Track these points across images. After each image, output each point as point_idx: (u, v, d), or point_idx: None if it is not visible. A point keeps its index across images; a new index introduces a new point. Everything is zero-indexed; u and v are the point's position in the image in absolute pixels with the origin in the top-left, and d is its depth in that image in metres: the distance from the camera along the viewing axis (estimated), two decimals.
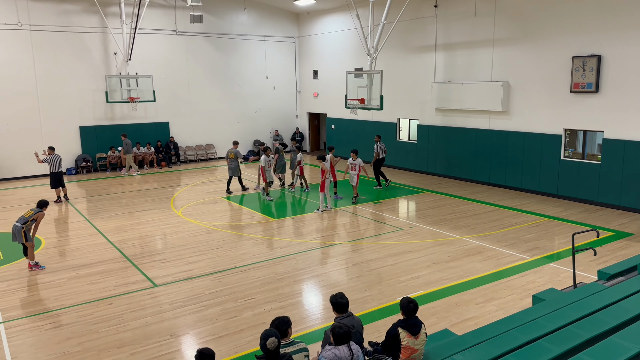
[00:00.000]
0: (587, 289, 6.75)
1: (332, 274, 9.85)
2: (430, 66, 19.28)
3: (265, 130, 26.11)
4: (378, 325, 7.54)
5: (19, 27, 19.27)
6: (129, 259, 10.79)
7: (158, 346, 7.18)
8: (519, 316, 5.99)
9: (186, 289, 9.17)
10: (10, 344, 7.30)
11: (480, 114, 17.67)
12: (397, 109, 20.95)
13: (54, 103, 20.30)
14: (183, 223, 13.57)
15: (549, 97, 15.53)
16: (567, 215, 13.83)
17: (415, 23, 19.61)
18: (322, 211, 14.34)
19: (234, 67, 24.58)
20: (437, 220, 13.47)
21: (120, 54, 21.23)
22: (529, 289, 8.88)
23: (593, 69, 14.18)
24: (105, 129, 21.49)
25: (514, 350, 5.03)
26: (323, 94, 25.26)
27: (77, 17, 20.43)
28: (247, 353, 6.92)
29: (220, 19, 23.87)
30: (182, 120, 23.52)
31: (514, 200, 15.58)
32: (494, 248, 11.17)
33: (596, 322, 5.47)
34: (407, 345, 5.05)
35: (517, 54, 16.26)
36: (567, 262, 9.93)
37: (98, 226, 13.33)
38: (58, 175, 15.75)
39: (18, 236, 9.99)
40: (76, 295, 8.99)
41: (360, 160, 15.43)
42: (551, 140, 15.61)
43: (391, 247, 11.32)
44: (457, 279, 9.45)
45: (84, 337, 7.46)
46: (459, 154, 18.65)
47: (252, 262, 10.50)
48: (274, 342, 4.44)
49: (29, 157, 19.99)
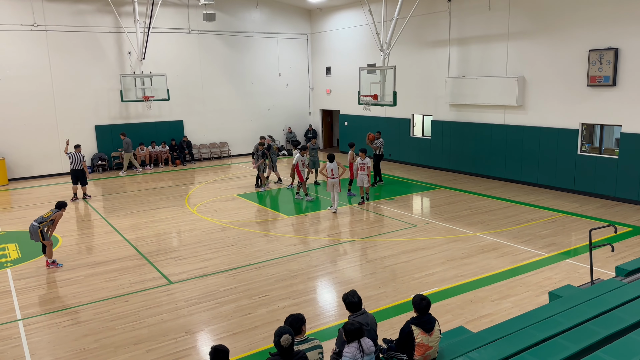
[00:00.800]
0: (604, 285, 6.65)
1: (346, 271, 9.84)
2: (444, 61, 19.13)
3: (278, 128, 26.15)
4: (392, 323, 7.52)
5: (35, 28, 19.51)
6: (144, 257, 10.89)
7: (174, 343, 7.24)
8: (535, 313, 5.93)
9: (201, 286, 9.24)
10: (29, 340, 7.42)
11: (495, 109, 17.49)
12: (410, 104, 20.84)
13: (69, 102, 20.54)
14: (198, 220, 13.65)
15: (565, 91, 15.32)
16: (584, 210, 13.65)
17: (429, 18, 19.46)
18: (335, 210, 14.10)
19: (247, 65, 24.64)
20: (451, 217, 13.39)
21: (134, 53, 21.41)
22: (545, 285, 8.79)
23: (610, 62, 13.95)
24: (121, 128, 21.69)
25: (530, 347, 4.98)
26: (336, 91, 25.22)
27: (92, 17, 20.64)
28: (261, 350, 6.94)
29: (233, 17, 23.93)
30: (195, 118, 23.66)
31: (530, 196, 15.41)
32: (510, 244, 11.07)
33: (614, 319, 5.40)
34: (421, 342, 5.03)
35: (532, 47, 16.06)
36: (584, 259, 9.80)
37: (114, 224, 13.48)
38: (75, 173, 16.08)
39: (35, 235, 10.15)
40: (93, 292, 9.10)
41: (369, 159, 14.62)
42: (567, 135, 15.41)
43: (405, 244, 11.27)
44: (472, 276, 9.38)
45: (101, 334, 7.56)
46: (473, 150, 18.50)
47: (266, 259, 10.53)
48: (288, 339, 4.45)
49: (46, 156, 20.33)
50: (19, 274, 10.05)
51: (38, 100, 19.91)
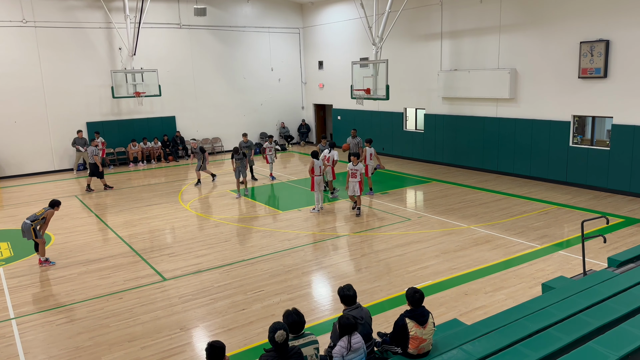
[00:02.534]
0: (597, 276, 6.71)
1: (341, 265, 9.86)
2: (437, 54, 19.13)
3: (272, 123, 26.07)
4: (387, 316, 7.54)
5: (24, 24, 19.30)
6: (138, 254, 10.85)
7: (169, 339, 7.23)
8: (529, 305, 5.97)
9: (195, 282, 9.22)
10: (23, 339, 7.38)
11: (488, 101, 17.53)
12: (403, 98, 20.83)
13: (60, 99, 20.37)
14: (191, 217, 13.62)
15: (556, 83, 15.36)
16: (576, 202, 13.73)
17: (421, 11, 19.43)
18: (318, 210, 13.58)
19: (239, 60, 24.52)
20: (445, 210, 13.43)
21: (125, 48, 21.23)
22: (539, 277, 8.85)
23: (601, 54, 14.00)
24: (112, 125, 21.55)
25: (523, 339, 5.02)
26: (328, 85, 25.16)
27: (81, 12, 20.43)
28: (256, 345, 6.95)
29: (224, 11, 23.78)
30: (188, 114, 23.54)
31: (523, 188, 15.48)
32: (503, 237, 11.12)
33: (606, 310, 5.44)
34: (415, 335, 5.05)
35: (524, 40, 16.08)
36: (576, 250, 9.86)
37: (107, 221, 13.41)
38: (90, 166, 17.09)
39: (27, 233, 10.08)
40: (87, 290, 9.06)
41: (361, 165, 13.27)
42: (559, 127, 15.47)
43: (399, 238, 11.30)
44: (466, 269, 9.43)
45: (95, 331, 7.53)
46: (466, 143, 18.54)
47: (260, 255, 10.53)
48: (283, 334, 4.45)
49: (37, 154, 20.18)
50: (12, 273, 9.99)
51: (28, 97, 19.73)
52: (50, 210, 10.38)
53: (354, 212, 13.32)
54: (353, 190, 12.97)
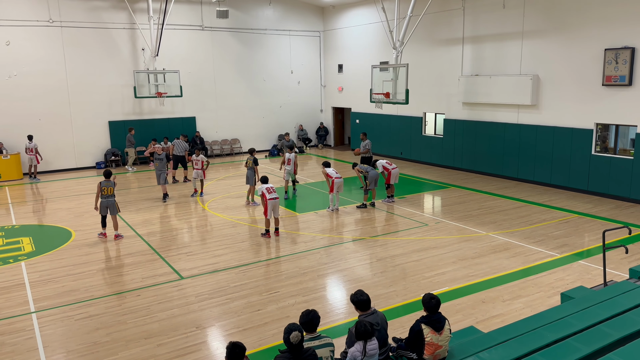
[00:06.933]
0: (617, 287, 6.59)
1: (356, 269, 9.84)
2: (457, 59, 19.01)
3: (290, 125, 26.16)
4: (403, 321, 7.50)
5: (50, 24, 19.70)
6: (156, 252, 10.97)
7: (184, 337, 7.29)
8: (547, 314, 5.89)
9: (212, 281, 9.29)
10: (43, 332, 7.51)
11: (509, 107, 17.35)
12: (422, 103, 20.74)
13: (83, 98, 20.72)
14: (209, 217, 13.72)
15: (579, 90, 15.15)
16: (598, 211, 13.50)
17: (442, 15, 19.34)
18: (332, 210, 14.01)
19: (259, 62, 24.68)
20: (463, 216, 13.31)
21: (148, 49, 21.53)
22: (558, 286, 8.71)
23: (626, 61, 13.76)
24: (134, 124, 21.82)
25: (541, 349, 4.95)
26: (348, 88, 25.16)
27: (106, 13, 20.79)
28: (271, 346, 6.96)
29: (246, 14, 23.97)
30: (208, 115, 23.76)
31: (543, 196, 15.28)
32: (522, 245, 10.98)
33: (627, 322, 5.34)
34: (431, 341, 5.02)
35: (547, 46, 15.89)
36: (597, 260, 9.70)
37: (126, 219, 13.58)
38: (176, 159, 18.20)
39: (114, 209, 11.65)
40: (105, 286, 9.19)
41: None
42: (582, 134, 15.24)
43: (416, 243, 11.24)
44: (484, 276, 9.33)
45: (113, 327, 7.63)
46: (486, 149, 18.37)
47: (277, 256, 10.56)
48: (298, 336, 4.45)
49: (60, 151, 20.54)
50: (33, 267, 10.17)
51: (53, 95, 20.12)
52: (106, 181, 11.68)
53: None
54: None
